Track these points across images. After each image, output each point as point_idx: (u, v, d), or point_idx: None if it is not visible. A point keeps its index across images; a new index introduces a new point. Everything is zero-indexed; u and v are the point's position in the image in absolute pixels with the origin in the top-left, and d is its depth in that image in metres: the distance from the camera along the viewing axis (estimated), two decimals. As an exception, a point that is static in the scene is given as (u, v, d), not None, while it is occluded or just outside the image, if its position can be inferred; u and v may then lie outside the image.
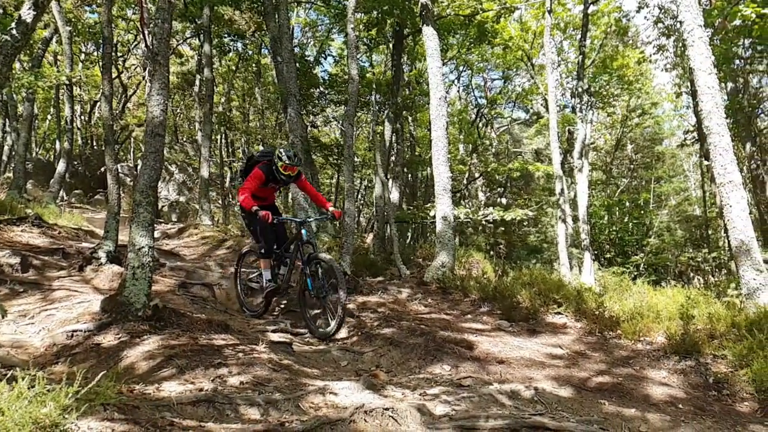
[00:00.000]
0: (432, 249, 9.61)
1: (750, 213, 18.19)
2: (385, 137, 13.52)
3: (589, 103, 18.15)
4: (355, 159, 21.38)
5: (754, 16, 9.52)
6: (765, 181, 18.46)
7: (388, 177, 14.59)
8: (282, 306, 7.57)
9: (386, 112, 13.58)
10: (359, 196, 23.88)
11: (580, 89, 15.74)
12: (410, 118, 16.96)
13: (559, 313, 7.41)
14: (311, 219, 7.25)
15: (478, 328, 6.75)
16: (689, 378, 5.43)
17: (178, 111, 22.55)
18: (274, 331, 5.97)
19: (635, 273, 20.41)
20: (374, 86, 14.36)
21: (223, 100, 17.84)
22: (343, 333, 6.51)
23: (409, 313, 7.02)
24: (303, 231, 6.43)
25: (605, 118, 25.62)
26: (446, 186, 8.70)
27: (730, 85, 19.19)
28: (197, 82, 16.82)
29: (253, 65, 16.42)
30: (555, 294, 7.78)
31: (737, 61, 18.19)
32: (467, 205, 17.23)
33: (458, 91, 22.22)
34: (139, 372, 4.18)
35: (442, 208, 8.71)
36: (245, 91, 17.53)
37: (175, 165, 21.45)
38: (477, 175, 20.13)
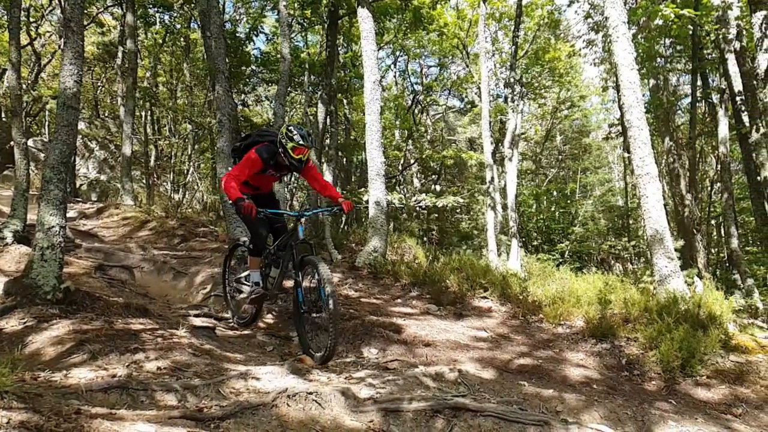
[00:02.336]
0: (365, 234, 9.58)
1: (666, 204, 19.25)
2: (318, 119, 13.30)
3: (521, 93, 18.59)
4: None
5: (673, 16, 9.98)
6: (680, 175, 19.53)
7: (322, 160, 14.41)
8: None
9: (320, 93, 13.35)
10: (292, 180, 23.52)
11: (512, 79, 16.09)
12: (345, 101, 16.81)
13: (486, 297, 7.56)
14: (309, 212, 5.62)
15: (407, 312, 6.79)
16: (604, 360, 5.68)
17: (99, 84, 21.31)
18: (196, 316, 5.80)
19: (560, 260, 21.24)
20: (307, 66, 14.10)
21: (148, 74, 16.99)
22: (269, 319, 6.38)
23: (339, 298, 6.95)
24: (300, 228, 5.25)
25: (536, 109, 26.39)
26: (379, 171, 8.66)
27: (651, 81, 20.13)
28: (120, 55, 15.93)
29: (182, 40, 15.72)
30: (482, 279, 7.93)
31: (659, 59, 19.09)
32: (402, 191, 17.32)
33: (395, 76, 22.28)
34: (45, 358, 3.95)
35: (375, 193, 8.67)
36: (173, 66, 16.75)
37: (95, 141, 20.30)
38: (412, 161, 20.27)
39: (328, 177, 13.63)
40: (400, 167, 19.50)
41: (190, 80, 16.03)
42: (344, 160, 19.37)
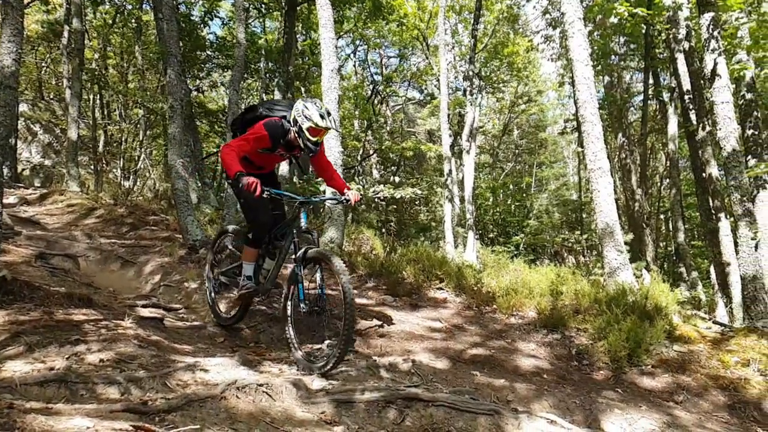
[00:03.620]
0: (322, 225, 9.47)
1: (618, 199, 19.70)
2: (274, 106, 13.05)
3: (480, 87, 18.74)
4: (245, 128, 20.58)
5: (626, 14, 10.19)
6: (631, 170, 20.11)
7: (279, 150, 14.15)
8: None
9: (277, 80, 13.10)
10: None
11: (471, 72, 16.19)
12: (303, 90, 16.57)
13: (441, 288, 7.59)
14: (317, 198, 5.13)
15: (363, 303, 6.75)
16: (555, 350, 5.77)
17: (44, 65, 20.34)
18: (144, 306, 5.60)
19: (515, 252, 21.61)
20: (264, 53, 13.81)
21: (97, 56, 16.32)
22: (221, 308, 6.23)
23: (292, 289, 6.85)
24: (303, 215, 4.56)
25: (494, 103, 26.68)
26: (337, 161, 8.54)
27: (606, 78, 20.62)
28: (66, 34, 15.23)
29: (133, 21, 15.14)
30: (438, 270, 7.96)
31: (613, 57, 19.56)
32: (361, 182, 17.24)
33: (354, 66, 22.11)
34: (-24, 351, 3.73)
35: (332, 183, 8.57)
36: (124, 48, 16.13)
37: (39, 124, 19.39)
38: (371, 152, 20.18)
39: (284, 166, 13.40)
40: (359, 158, 19.38)
41: (142, 64, 15.49)
42: (302, 149, 19.03)
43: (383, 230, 17.31)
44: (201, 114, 14.40)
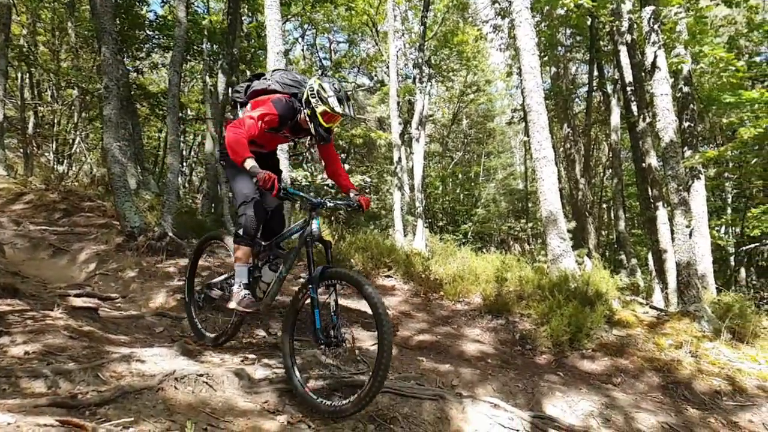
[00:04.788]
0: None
1: (563, 189, 20.13)
2: (218, 90, 12.63)
3: (429, 75, 18.76)
4: (188, 112, 19.95)
5: (572, 5, 10.35)
6: (576, 160, 20.62)
7: (224, 134, 13.76)
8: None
9: (220, 63, 12.67)
10: (191, 153, 22.35)
11: (420, 60, 16.18)
12: (249, 73, 16.13)
13: (390, 276, 7.60)
14: (331, 202, 3.95)
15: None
16: (499, 335, 5.85)
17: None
18: (77, 296, 5.32)
19: (463, 240, 21.89)
20: (207, 34, 13.35)
21: (25, 32, 15.32)
22: (160, 298, 6.01)
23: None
24: (315, 221, 3.78)
25: (444, 91, 26.81)
26: (283, 146, 8.36)
27: (553, 69, 21.02)
28: (-12, 8, 14.25)
29: (65, -6, 14.34)
30: (387, 258, 7.96)
31: (560, 48, 19.94)
32: (309, 169, 16.97)
33: (302, 50, 21.68)
34: None
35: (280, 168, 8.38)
36: (55, 24, 15.21)
37: (-39, 104, 18.19)
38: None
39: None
40: (307, 144, 18.94)
41: (76, 41, 14.67)
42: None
43: (332, 218, 17.13)
44: (141, 96, 13.76)
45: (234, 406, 3.30)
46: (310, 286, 3.60)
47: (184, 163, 22.36)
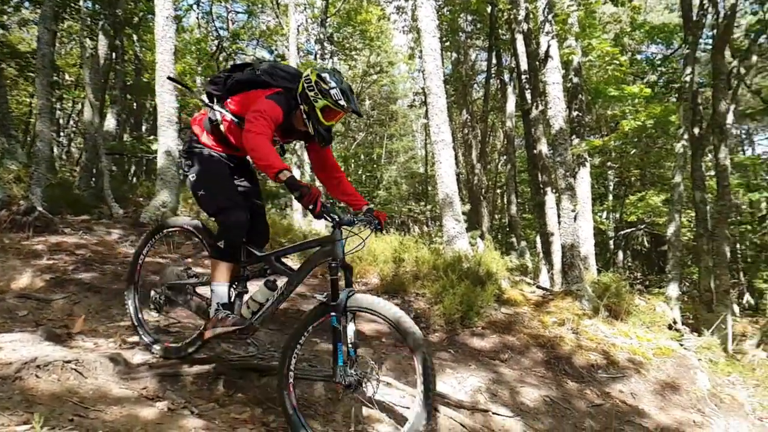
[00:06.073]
0: (153, 187, 8.71)
1: (460, 173, 20.67)
2: (99, 54, 11.63)
3: (331, 52, 18.49)
4: (66, 77, 18.32)
5: (474, -10, 10.52)
6: (473, 146, 21.27)
7: (109, 103, 12.75)
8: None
9: (102, 23, 11.64)
10: (70, 122, 20.56)
11: (322, 36, 15.88)
12: (136, 38, 15.07)
13: (286, 256, 7.39)
14: (355, 222, 3.25)
15: (199, 271, 6.33)
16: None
17: None
18: None
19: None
20: (85, -10, 12.24)
21: None
22: (25, 279, 5.44)
23: (117, 256, 6.23)
24: (341, 241, 3.13)
25: (347, 70, 26.63)
26: (171, 117, 7.87)
27: (454, 55, 21.43)
28: None
29: None
30: (283, 238, 7.78)
31: (461, 34, 20.35)
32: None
33: (198, 19, 20.50)
34: None
35: (166, 141, 7.87)
36: None
37: None
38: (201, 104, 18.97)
39: (111, 121, 12.09)
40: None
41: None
42: (134, 103, 17.46)
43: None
44: (7, 55, 12.33)
45: (107, 393, 3.06)
46: (333, 314, 3.03)
47: (62, 133, 20.56)
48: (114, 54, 12.92)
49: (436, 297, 5.95)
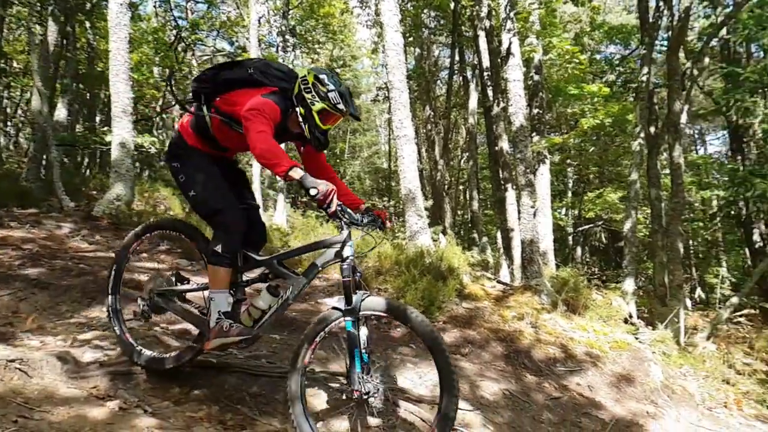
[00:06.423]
0: (107, 180, 8.43)
1: (423, 169, 20.71)
2: (48, 40, 11.12)
3: (294, 44, 18.27)
4: (14, 65, 17.55)
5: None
6: (435, 142, 21.36)
7: (59, 92, 12.25)
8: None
9: (51, 9, 11.13)
10: (18, 112, 19.72)
11: (284, 28, 15.66)
12: (89, 25, 14.53)
13: (241, 250, 7.28)
14: (363, 224, 3.19)
15: (154, 267, 6.17)
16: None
17: None
18: None
19: (327, 218, 21.84)
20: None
21: None
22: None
23: (67, 251, 6.02)
24: (351, 242, 3.01)
25: (309, 63, 26.38)
26: (126, 108, 7.63)
27: (417, 50, 21.46)
28: None
29: None
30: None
31: (424, 30, 20.38)
32: (160, 136, 15.73)
33: (155, 7, 19.86)
34: None
35: (121, 132, 7.62)
36: None
37: None
38: (174, 103, 18.62)
39: (62, 111, 11.64)
40: (158, 109, 17.66)
41: None
42: (88, 94, 16.85)
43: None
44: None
45: (54, 393, 2.96)
46: (347, 318, 2.91)
47: (9, 123, 19.69)
48: (65, 41, 12.41)
49: (398, 292, 5.94)
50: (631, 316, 7.32)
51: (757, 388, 5.52)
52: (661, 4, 12.34)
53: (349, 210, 3.00)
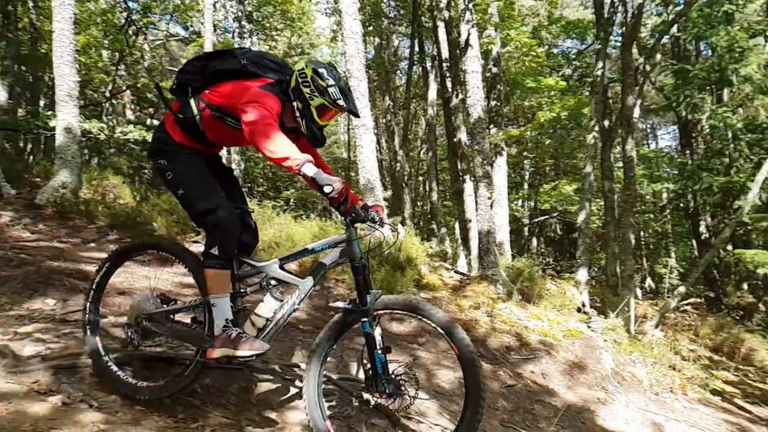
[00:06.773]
0: (52, 167, 8.07)
1: (383, 160, 20.66)
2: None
3: (250, 31, 17.90)
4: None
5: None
6: (395, 132, 21.34)
7: (0, 75, 11.67)
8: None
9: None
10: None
11: (240, 14, 15.33)
12: (32, 5, 13.86)
13: (198, 241, 7.15)
14: (370, 217, 3.10)
15: (100, 257, 5.94)
16: (313, 300, 5.77)
17: None
18: None
19: (285, 207, 21.60)
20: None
21: None
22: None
23: (7, 241, 5.75)
24: (356, 240, 2.92)
25: (267, 51, 25.96)
26: (71, 92, 7.29)
27: (377, 40, 21.34)
28: None
29: None
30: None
31: (384, 20, 20.27)
32: (110, 122, 15.17)
33: (105, -11, 19.22)
34: None
35: (66, 117, 7.29)
36: None
37: None
38: (124, 88, 17.99)
39: (2, 94, 11.08)
40: (108, 94, 17.02)
41: None
42: (30, 76, 16.10)
43: (135, 178, 15.55)
44: None
45: (-9, 389, 2.79)
46: (364, 319, 2.82)
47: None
48: (6, 20, 11.80)
49: (356, 283, 5.91)
50: (584, 305, 7.51)
51: (701, 373, 5.75)
52: (615, 0, 12.61)
53: (357, 208, 2.91)
